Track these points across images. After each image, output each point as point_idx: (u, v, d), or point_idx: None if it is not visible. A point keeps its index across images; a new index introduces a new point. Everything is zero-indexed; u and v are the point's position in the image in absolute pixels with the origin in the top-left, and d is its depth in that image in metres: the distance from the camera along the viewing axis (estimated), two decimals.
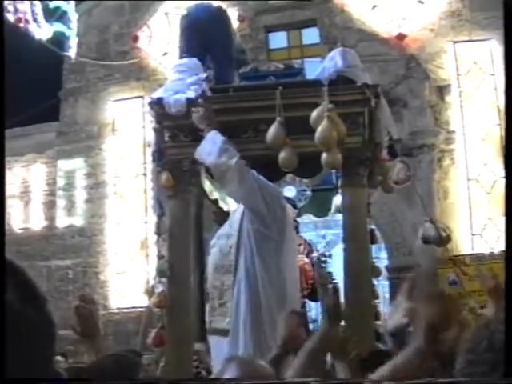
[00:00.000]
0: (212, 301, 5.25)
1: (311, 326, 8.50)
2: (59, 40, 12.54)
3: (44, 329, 1.19)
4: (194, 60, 5.93)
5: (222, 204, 6.45)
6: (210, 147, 5.21)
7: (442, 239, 6.45)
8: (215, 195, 6.36)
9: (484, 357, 1.66)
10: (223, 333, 5.14)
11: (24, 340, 1.14)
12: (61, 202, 14.09)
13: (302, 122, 5.16)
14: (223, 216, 6.16)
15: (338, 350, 3.35)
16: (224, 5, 6.84)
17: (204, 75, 5.88)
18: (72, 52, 12.94)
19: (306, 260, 6.91)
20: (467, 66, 12.11)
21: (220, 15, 6.57)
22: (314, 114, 5.04)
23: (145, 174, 13.06)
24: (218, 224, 6.06)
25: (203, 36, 6.30)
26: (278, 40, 13.62)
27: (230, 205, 6.03)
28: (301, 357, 3.11)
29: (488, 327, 1.73)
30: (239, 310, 5.13)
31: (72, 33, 12.77)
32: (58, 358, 6.88)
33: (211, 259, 5.37)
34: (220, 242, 5.33)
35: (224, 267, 5.24)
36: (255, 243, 5.21)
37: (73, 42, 12.83)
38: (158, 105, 5.73)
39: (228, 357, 2.97)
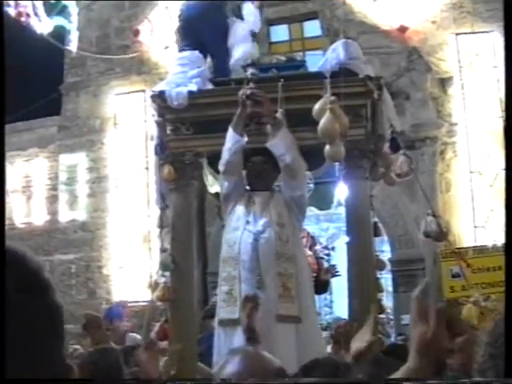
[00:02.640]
0: (276, 288, 5.16)
1: None
2: (60, 34, 12.52)
3: (52, 318, 1.17)
4: (196, 53, 5.92)
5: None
6: (290, 142, 5.25)
7: (443, 233, 6.45)
8: (216, 189, 6.31)
9: (502, 350, 1.66)
10: (293, 319, 5.12)
11: (31, 332, 1.12)
12: (63, 197, 14.09)
13: (304, 114, 5.15)
14: None
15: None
16: None
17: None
18: (73, 46, 12.92)
19: (310, 253, 6.90)
20: (469, 59, 12.07)
21: (211, 8, 6.47)
22: (317, 106, 5.02)
23: (147, 168, 13.04)
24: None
25: (197, 35, 6.28)
26: (280, 33, 13.59)
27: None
28: None
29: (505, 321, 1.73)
30: (304, 297, 5.24)
31: (72, 27, 12.74)
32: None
33: (265, 245, 5.23)
34: (273, 230, 5.26)
35: (285, 255, 5.23)
36: (298, 235, 5.60)
37: (73, 36, 12.80)
38: (159, 98, 5.72)
39: (232, 349, 2.92)
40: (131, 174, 13.46)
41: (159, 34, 13.60)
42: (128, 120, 13.70)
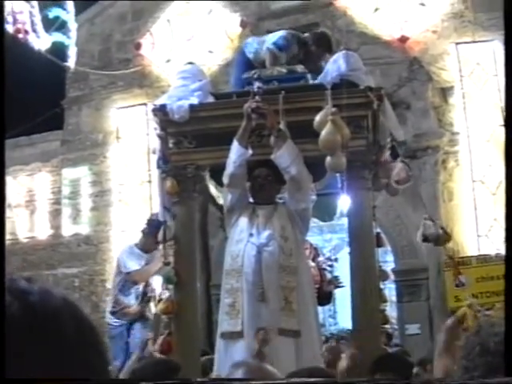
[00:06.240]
0: (278, 301, 5.18)
1: None
2: (59, 49, 12.50)
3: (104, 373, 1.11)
4: (197, 66, 5.95)
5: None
6: (295, 154, 5.26)
7: (441, 237, 6.46)
8: (219, 201, 6.32)
9: (476, 361, 1.66)
10: (294, 334, 5.13)
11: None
12: (66, 211, 14.08)
13: (305, 126, 5.16)
14: None
15: None
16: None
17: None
18: (71, 61, 12.90)
19: (313, 264, 6.89)
20: (470, 68, 12.08)
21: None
22: (318, 117, 5.04)
23: (150, 181, 13.03)
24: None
25: None
26: None
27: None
28: None
29: (479, 334, 1.73)
30: (305, 311, 5.27)
31: (71, 42, 12.73)
32: None
33: (269, 258, 5.24)
34: (277, 243, 5.28)
35: (288, 268, 5.25)
36: (302, 248, 5.65)
37: (72, 52, 12.78)
38: (161, 111, 5.74)
39: (236, 362, 2.94)
40: (134, 187, 13.45)
41: (161, 47, 13.64)
42: (130, 133, 13.70)
